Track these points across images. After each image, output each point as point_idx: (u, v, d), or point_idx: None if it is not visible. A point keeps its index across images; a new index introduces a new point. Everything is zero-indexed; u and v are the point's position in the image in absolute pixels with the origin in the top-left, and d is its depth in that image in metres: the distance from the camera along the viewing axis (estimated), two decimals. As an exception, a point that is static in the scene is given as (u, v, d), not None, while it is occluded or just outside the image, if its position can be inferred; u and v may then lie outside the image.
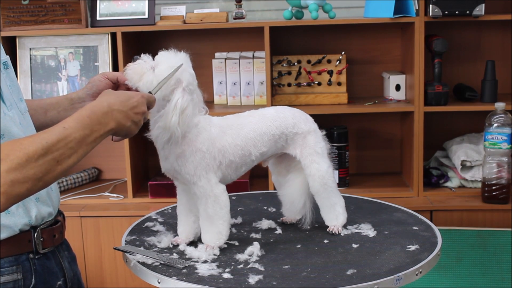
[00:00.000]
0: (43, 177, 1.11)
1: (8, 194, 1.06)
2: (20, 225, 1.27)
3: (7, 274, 1.26)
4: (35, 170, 1.10)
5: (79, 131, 1.19)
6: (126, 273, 2.57)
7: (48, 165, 1.12)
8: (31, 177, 1.09)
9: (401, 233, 1.63)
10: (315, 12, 2.54)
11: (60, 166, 1.14)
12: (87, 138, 1.20)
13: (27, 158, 1.09)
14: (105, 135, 1.26)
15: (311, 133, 1.63)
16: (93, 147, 1.23)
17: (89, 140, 1.21)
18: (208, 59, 2.79)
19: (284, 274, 1.39)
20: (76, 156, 1.18)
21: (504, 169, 2.44)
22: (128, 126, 1.30)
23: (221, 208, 1.50)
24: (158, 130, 1.45)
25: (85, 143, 1.20)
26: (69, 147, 1.16)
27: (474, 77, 2.77)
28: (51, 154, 1.12)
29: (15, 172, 1.07)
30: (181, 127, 1.43)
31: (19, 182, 1.07)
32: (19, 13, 2.62)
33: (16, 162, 1.07)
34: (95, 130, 1.22)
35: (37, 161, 1.10)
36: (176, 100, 1.42)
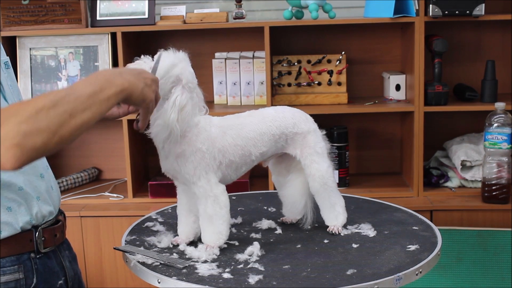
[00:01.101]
0: (57, 131, 1.07)
1: (22, 146, 1.03)
2: (21, 222, 1.27)
3: (8, 273, 1.26)
4: (47, 122, 1.06)
5: (87, 87, 1.15)
6: (126, 273, 2.57)
7: (60, 117, 1.08)
8: (44, 129, 1.05)
9: (401, 233, 1.63)
10: (315, 12, 2.54)
11: (73, 120, 1.10)
12: (98, 95, 1.15)
13: (36, 111, 1.05)
14: (120, 95, 1.21)
15: (311, 133, 1.63)
16: (108, 108, 1.18)
17: (101, 97, 1.16)
18: (208, 59, 2.79)
19: (284, 274, 1.39)
20: (90, 112, 1.13)
21: (504, 169, 2.44)
22: (141, 87, 1.26)
23: (220, 208, 1.50)
24: (157, 127, 1.45)
25: (98, 100, 1.15)
26: (80, 102, 1.12)
27: (474, 77, 2.77)
28: (62, 107, 1.08)
29: (26, 124, 1.04)
30: (180, 124, 1.43)
31: (32, 134, 1.04)
32: (19, 13, 2.62)
33: (26, 115, 1.04)
34: (104, 87, 1.17)
35: (48, 114, 1.06)
36: (175, 98, 1.42)
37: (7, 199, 1.25)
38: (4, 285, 1.25)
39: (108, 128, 2.91)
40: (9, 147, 1.02)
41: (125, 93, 1.22)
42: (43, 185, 1.34)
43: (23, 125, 1.03)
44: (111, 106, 1.19)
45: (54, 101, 1.08)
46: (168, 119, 1.42)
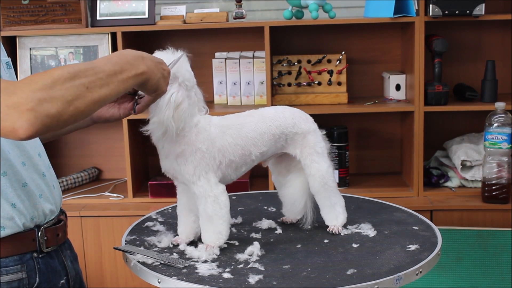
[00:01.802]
0: (73, 101, 1.06)
1: (36, 112, 1.01)
2: (24, 220, 1.28)
3: (12, 273, 1.26)
4: (62, 92, 1.05)
5: (108, 66, 1.15)
6: (126, 273, 2.57)
7: (76, 89, 1.07)
8: (59, 98, 1.04)
9: (401, 233, 1.63)
10: (315, 12, 2.54)
11: (90, 93, 1.09)
12: (118, 75, 1.15)
13: (52, 81, 1.05)
14: (138, 79, 1.21)
15: (311, 133, 1.63)
16: (125, 89, 1.18)
17: (120, 78, 1.16)
18: (208, 59, 2.79)
19: (284, 274, 1.39)
20: (108, 89, 1.13)
21: (504, 169, 2.44)
22: (158, 77, 1.27)
23: (220, 208, 1.50)
24: (153, 124, 1.44)
25: (117, 79, 1.15)
26: (99, 77, 1.11)
27: (474, 77, 2.77)
28: (79, 80, 1.08)
29: (42, 91, 1.03)
30: (175, 122, 1.42)
31: (47, 101, 1.03)
32: (19, 13, 2.62)
33: (42, 83, 1.04)
34: (125, 69, 1.17)
35: (64, 84, 1.06)
36: (171, 95, 1.42)
37: (11, 195, 1.26)
38: (7, 285, 1.25)
39: (108, 128, 2.91)
40: (23, 112, 1.01)
41: (143, 78, 1.22)
42: (45, 184, 1.34)
43: (38, 92, 1.03)
44: (128, 87, 1.19)
45: (72, 73, 1.08)
46: (163, 116, 1.42)
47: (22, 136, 1.02)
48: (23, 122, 1.01)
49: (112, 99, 1.16)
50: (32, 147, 1.33)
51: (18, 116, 1.01)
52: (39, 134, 1.04)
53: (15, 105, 1.01)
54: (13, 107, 1.01)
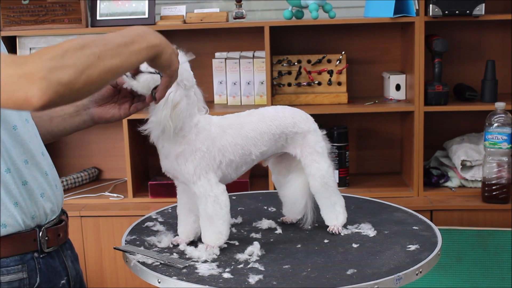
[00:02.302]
0: (84, 70, 1.05)
1: (48, 79, 1.01)
2: (25, 217, 1.27)
3: (13, 273, 1.26)
4: (74, 60, 1.05)
5: (118, 37, 1.14)
6: (126, 273, 2.57)
7: (87, 58, 1.06)
8: (71, 66, 1.04)
9: (401, 233, 1.63)
10: (315, 12, 2.54)
11: (102, 62, 1.08)
12: (129, 46, 1.14)
13: (63, 51, 1.05)
14: (151, 51, 1.19)
15: (311, 133, 1.62)
16: (138, 61, 1.17)
17: (132, 49, 1.15)
18: (208, 59, 2.79)
19: (284, 274, 1.39)
20: (120, 59, 1.12)
21: (504, 169, 2.44)
22: (170, 52, 1.25)
23: (221, 208, 1.50)
24: (151, 124, 1.44)
25: (128, 50, 1.14)
26: (110, 48, 1.11)
27: (474, 77, 2.77)
28: (89, 49, 1.07)
29: (52, 61, 1.03)
30: (173, 121, 1.42)
31: (58, 69, 1.02)
32: (19, 13, 2.62)
33: (52, 54, 1.04)
34: (136, 40, 1.16)
35: (75, 53, 1.05)
36: (168, 94, 1.42)
37: (13, 193, 1.26)
38: (8, 285, 1.25)
39: (108, 128, 2.91)
40: (35, 80, 1.01)
41: (156, 50, 1.21)
42: (47, 183, 1.34)
43: (49, 61, 1.03)
44: (141, 60, 1.18)
45: (82, 44, 1.08)
46: (160, 115, 1.42)
47: (36, 104, 1.02)
48: (35, 91, 1.01)
49: (125, 71, 1.15)
50: (35, 146, 1.34)
51: (30, 85, 1.00)
52: (53, 104, 1.03)
53: (26, 74, 1.01)
54: (25, 77, 1.01)
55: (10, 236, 1.26)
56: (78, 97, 1.08)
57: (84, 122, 1.53)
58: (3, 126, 1.26)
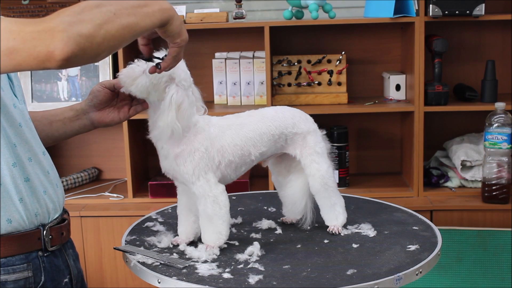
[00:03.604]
0: (103, 25, 1.07)
1: (68, 32, 1.02)
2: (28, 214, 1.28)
3: (18, 271, 1.27)
4: (91, 16, 1.06)
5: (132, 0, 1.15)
6: (126, 273, 2.57)
7: (104, 14, 1.08)
8: (89, 20, 1.05)
9: (401, 233, 1.63)
10: (315, 12, 2.54)
11: (118, 19, 1.09)
12: (143, 8, 1.15)
13: (80, 8, 1.06)
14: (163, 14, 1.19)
15: (311, 133, 1.63)
16: (152, 23, 1.17)
17: (146, 11, 1.15)
18: (208, 59, 2.79)
19: (284, 274, 1.39)
20: (135, 18, 1.13)
21: (504, 169, 2.44)
22: (181, 21, 1.25)
23: (220, 208, 1.50)
24: (158, 129, 1.45)
25: (142, 11, 1.14)
26: (125, 7, 1.12)
27: (474, 77, 2.77)
28: (105, 7, 1.09)
29: (70, 16, 1.04)
30: (180, 122, 1.43)
31: (77, 23, 1.04)
32: (19, 13, 2.62)
33: (70, 11, 1.05)
34: (149, 4, 1.16)
35: (92, 10, 1.07)
36: (171, 96, 1.42)
37: (19, 189, 1.26)
38: (14, 283, 1.26)
39: (108, 128, 2.91)
40: (55, 33, 1.02)
41: (167, 14, 1.20)
42: (49, 182, 1.36)
43: (67, 17, 1.04)
44: (155, 22, 1.17)
45: (98, 3, 1.09)
46: (167, 119, 1.42)
47: (59, 57, 1.02)
48: (57, 43, 1.01)
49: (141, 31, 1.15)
50: (37, 145, 1.34)
51: (52, 38, 1.01)
52: (76, 57, 1.04)
53: (46, 29, 1.02)
54: (45, 31, 1.01)
55: (14, 234, 1.26)
56: (98, 51, 1.08)
57: (84, 126, 1.54)
58: (10, 122, 1.26)
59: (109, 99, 1.52)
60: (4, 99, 1.26)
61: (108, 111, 1.52)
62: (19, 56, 1.02)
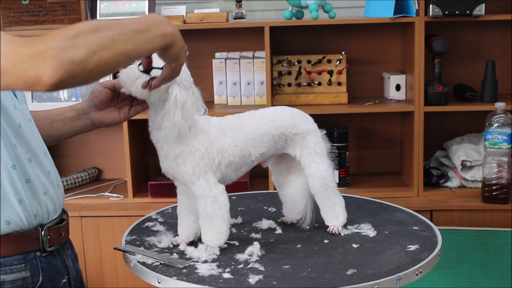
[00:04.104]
0: (97, 51, 1.04)
1: (59, 58, 1.00)
2: (28, 215, 1.28)
3: (16, 271, 1.27)
4: (86, 41, 1.03)
5: (134, 23, 1.13)
6: (126, 273, 2.57)
7: (100, 40, 1.05)
8: (83, 46, 1.03)
9: (401, 233, 1.63)
10: (315, 12, 2.54)
11: (115, 45, 1.07)
12: (144, 33, 1.13)
13: (76, 32, 1.04)
14: (165, 39, 1.18)
15: (311, 133, 1.63)
16: (151, 48, 1.17)
17: (146, 36, 1.14)
18: (208, 59, 2.79)
19: (284, 274, 1.39)
20: (133, 44, 1.11)
21: (504, 169, 2.44)
22: (182, 45, 1.24)
23: (220, 208, 1.50)
24: (165, 130, 1.45)
25: (142, 37, 1.13)
26: (124, 32, 1.10)
27: (474, 77, 2.77)
28: (103, 32, 1.06)
29: (64, 40, 1.02)
30: (186, 121, 1.43)
31: (70, 48, 1.01)
32: (19, 13, 2.62)
33: (65, 34, 1.03)
34: (151, 28, 1.15)
35: (88, 35, 1.04)
36: (175, 96, 1.42)
37: (18, 190, 1.26)
38: (12, 283, 1.26)
39: (108, 128, 2.91)
40: (46, 59, 1.00)
41: (169, 40, 1.20)
42: (49, 182, 1.35)
43: (61, 41, 1.02)
44: (154, 48, 1.17)
45: (96, 26, 1.07)
46: (173, 119, 1.42)
47: (47, 83, 1.00)
48: (46, 69, 1.00)
49: (138, 57, 1.14)
50: (38, 145, 1.34)
51: (42, 63, 1.00)
52: (64, 83, 1.02)
53: (38, 53, 1.00)
54: (36, 55, 1.00)
55: (13, 234, 1.26)
56: (89, 78, 1.06)
57: (85, 126, 1.54)
58: (10, 124, 1.26)
59: (110, 99, 1.52)
60: (4, 100, 1.26)
61: (109, 111, 1.52)
62: (9, 78, 1.01)
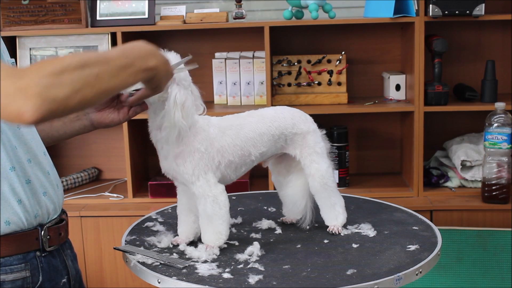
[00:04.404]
0: (81, 89, 1.06)
1: (43, 96, 1.01)
2: (28, 216, 1.28)
3: (16, 271, 1.28)
4: (71, 79, 1.05)
5: (121, 58, 1.16)
6: (126, 273, 2.57)
7: (86, 78, 1.07)
8: (68, 84, 1.04)
9: (401, 233, 1.63)
10: (315, 12, 2.54)
11: (99, 83, 1.09)
12: (128, 68, 1.16)
13: (62, 67, 1.05)
14: (147, 73, 1.22)
15: (311, 133, 1.63)
16: (134, 82, 1.20)
17: (130, 71, 1.17)
18: (208, 59, 2.79)
19: (284, 274, 1.39)
20: (117, 80, 1.14)
21: (504, 169, 2.44)
22: (163, 75, 1.28)
23: (220, 208, 1.50)
24: (165, 130, 1.45)
25: (127, 72, 1.16)
26: (110, 68, 1.12)
27: (474, 77, 2.77)
28: (89, 69, 1.08)
29: (50, 77, 1.03)
30: (186, 120, 1.43)
31: (54, 86, 1.02)
32: (19, 13, 2.62)
33: (51, 69, 1.04)
34: (137, 63, 1.19)
35: (73, 72, 1.05)
36: (174, 96, 1.42)
37: (16, 191, 1.27)
38: (12, 283, 1.27)
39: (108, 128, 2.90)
40: (29, 96, 1.01)
41: (152, 73, 1.24)
42: (49, 183, 1.36)
43: (46, 78, 1.02)
44: (137, 81, 1.21)
45: (83, 61, 1.08)
46: (173, 118, 1.42)
47: (27, 120, 1.02)
48: (29, 106, 1.01)
49: (120, 91, 1.18)
50: (37, 145, 1.35)
51: (25, 100, 1.00)
52: (44, 120, 1.04)
53: (23, 88, 1.01)
54: (20, 91, 1.00)
55: (12, 234, 1.27)
56: (69, 113, 1.09)
57: (84, 127, 1.54)
58: (9, 125, 1.26)
59: (109, 100, 1.53)
60: None
61: (108, 112, 1.52)
62: None
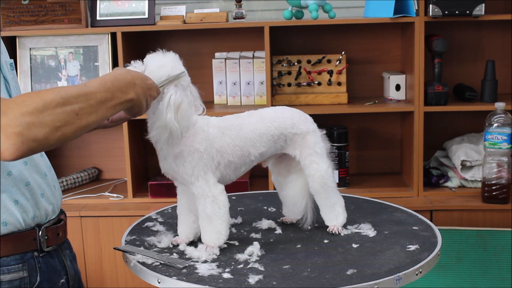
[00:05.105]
0: (61, 127, 1.09)
1: (24, 136, 1.04)
2: (26, 217, 1.28)
3: (13, 272, 1.28)
4: (52, 117, 1.08)
5: (101, 92, 1.19)
6: (126, 273, 2.57)
7: (66, 115, 1.10)
8: (49, 123, 1.07)
9: (401, 233, 1.63)
10: (315, 12, 2.54)
11: (79, 120, 1.13)
12: (108, 102, 1.20)
13: (44, 105, 1.07)
14: (125, 105, 1.27)
15: (310, 133, 1.63)
16: (112, 114, 1.23)
17: (110, 105, 1.21)
18: (208, 59, 2.79)
19: (284, 274, 1.39)
20: (96, 116, 1.17)
21: (504, 169, 2.44)
22: (142, 104, 1.33)
23: (219, 208, 1.50)
24: (157, 130, 1.45)
25: (106, 106, 1.20)
26: (90, 104, 1.15)
27: (474, 77, 2.77)
28: (70, 106, 1.11)
29: (31, 116, 1.05)
30: (179, 123, 1.43)
31: (35, 126, 1.05)
32: (19, 13, 2.62)
33: (33, 107, 1.06)
34: (116, 96, 1.23)
35: (55, 109, 1.08)
36: (169, 97, 1.42)
37: (15, 192, 1.27)
38: (9, 284, 1.26)
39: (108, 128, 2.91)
40: (10, 135, 1.03)
41: (130, 104, 1.29)
42: (46, 184, 1.36)
43: (28, 116, 1.05)
44: (115, 113, 1.25)
45: (64, 98, 1.11)
46: (165, 119, 1.42)
47: (8, 158, 1.05)
48: (9, 145, 1.04)
49: (98, 124, 1.21)
50: None
51: (5, 139, 1.03)
52: (24, 157, 1.07)
53: (3, 127, 1.03)
54: (1, 129, 1.03)
55: (10, 235, 1.27)
56: (48, 149, 1.12)
57: None
58: None
59: None
60: None
61: None
62: None
